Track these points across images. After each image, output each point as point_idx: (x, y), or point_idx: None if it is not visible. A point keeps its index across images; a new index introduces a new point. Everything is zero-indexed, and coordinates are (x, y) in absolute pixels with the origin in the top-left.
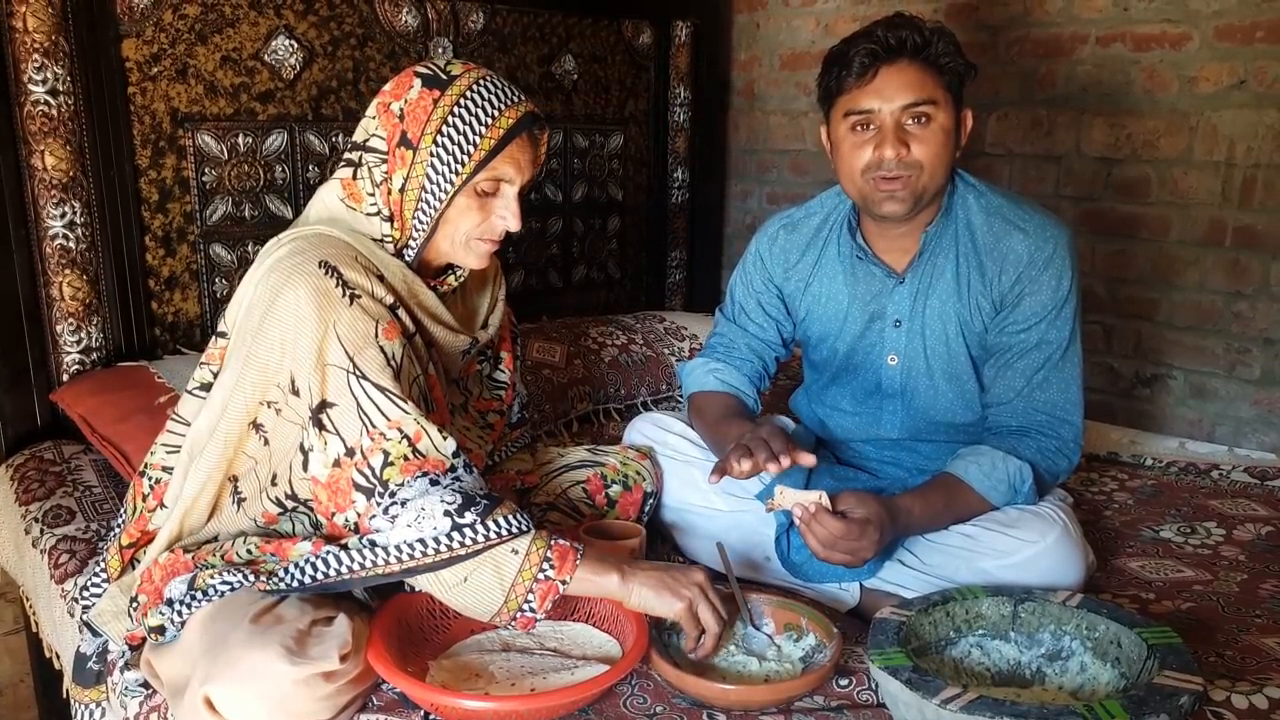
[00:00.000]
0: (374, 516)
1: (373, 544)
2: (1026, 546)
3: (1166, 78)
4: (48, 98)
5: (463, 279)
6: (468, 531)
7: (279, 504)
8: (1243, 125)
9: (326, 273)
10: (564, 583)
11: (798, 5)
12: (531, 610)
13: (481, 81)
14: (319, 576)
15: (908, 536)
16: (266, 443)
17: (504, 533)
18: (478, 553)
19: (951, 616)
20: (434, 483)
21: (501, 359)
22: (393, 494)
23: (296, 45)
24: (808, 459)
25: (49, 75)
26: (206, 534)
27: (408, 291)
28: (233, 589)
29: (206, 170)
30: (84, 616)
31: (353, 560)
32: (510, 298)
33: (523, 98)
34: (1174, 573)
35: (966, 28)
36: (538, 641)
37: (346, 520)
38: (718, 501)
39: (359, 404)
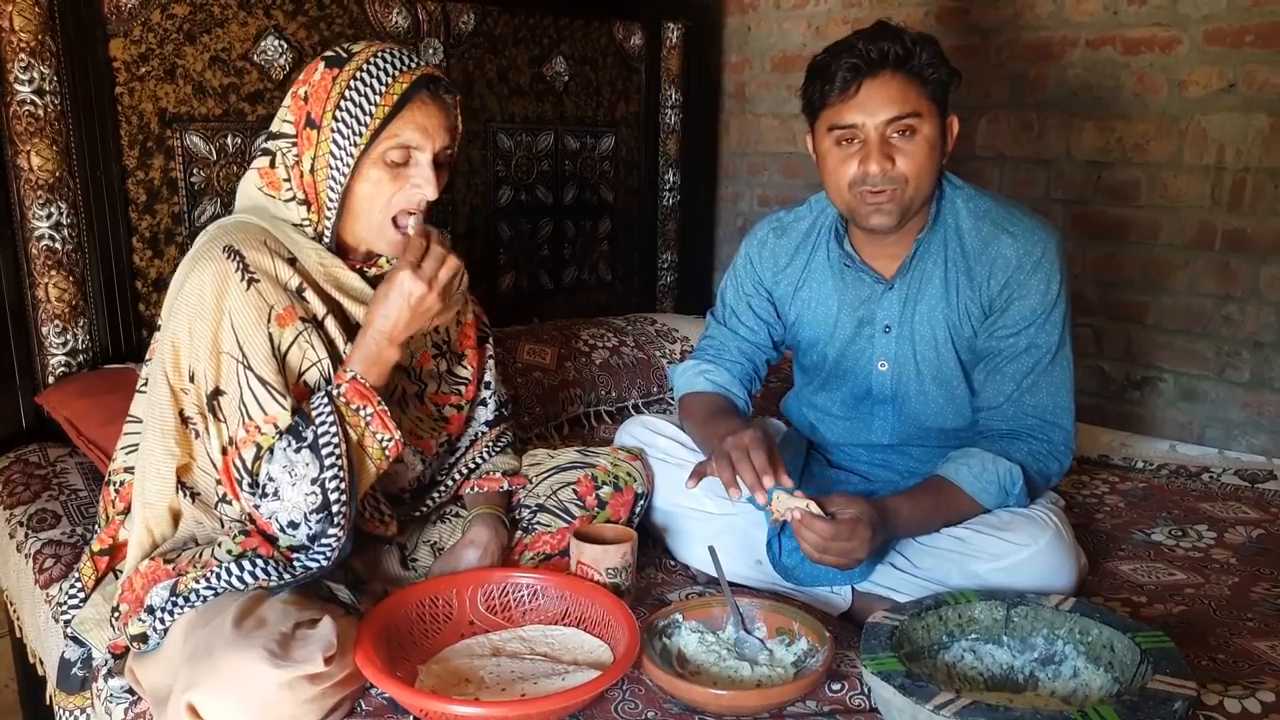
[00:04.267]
0: (258, 505)
1: (294, 525)
2: (1018, 550)
3: (1156, 81)
4: (34, 97)
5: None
6: (322, 435)
7: (217, 489)
8: (1232, 129)
9: (229, 256)
10: (361, 378)
11: (789, 8)
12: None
13: (379, 54)
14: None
15: (899, 538)
16: (198, 435)
17: (333, 424)
18: (336, 444)
19: (944, 621)
20: (281, 448)
21: (465, 355)
22: (264, 484)
23: (286, 46)
24: (786, 482)
25: (35, 75)
26: (180, 538)
27: (324, 274)
28: (216, 594)
29: (195, 171)
30: (67, 630)
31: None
32: (501, 299)
33: (421, 63)
34: (1165, 576)
35: (957, 31)
36: (528, 646)
37: (240, 509)
38: (709, 504)
39: (241, 394)
